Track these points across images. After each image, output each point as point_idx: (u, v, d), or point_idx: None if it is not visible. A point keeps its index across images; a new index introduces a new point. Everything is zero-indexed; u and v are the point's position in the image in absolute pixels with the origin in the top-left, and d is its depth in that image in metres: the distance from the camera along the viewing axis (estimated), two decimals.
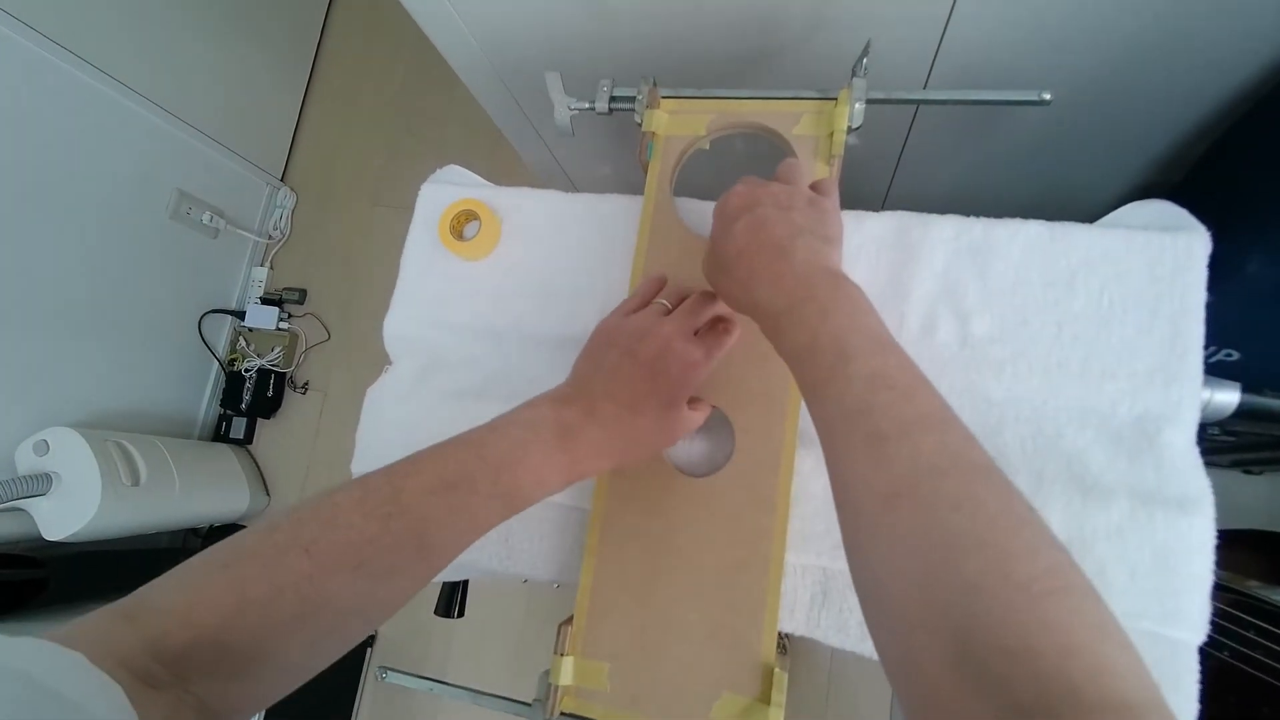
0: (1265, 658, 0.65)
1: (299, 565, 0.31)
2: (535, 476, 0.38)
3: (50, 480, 1.19)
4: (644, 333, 0.43)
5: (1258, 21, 0.57)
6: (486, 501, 0.37)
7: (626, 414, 0.41)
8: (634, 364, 0.42)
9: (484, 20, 0.71)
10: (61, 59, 1.18)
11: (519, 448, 0.39)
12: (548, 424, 0.40)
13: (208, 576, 0.31)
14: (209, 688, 0.29)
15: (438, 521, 0.35)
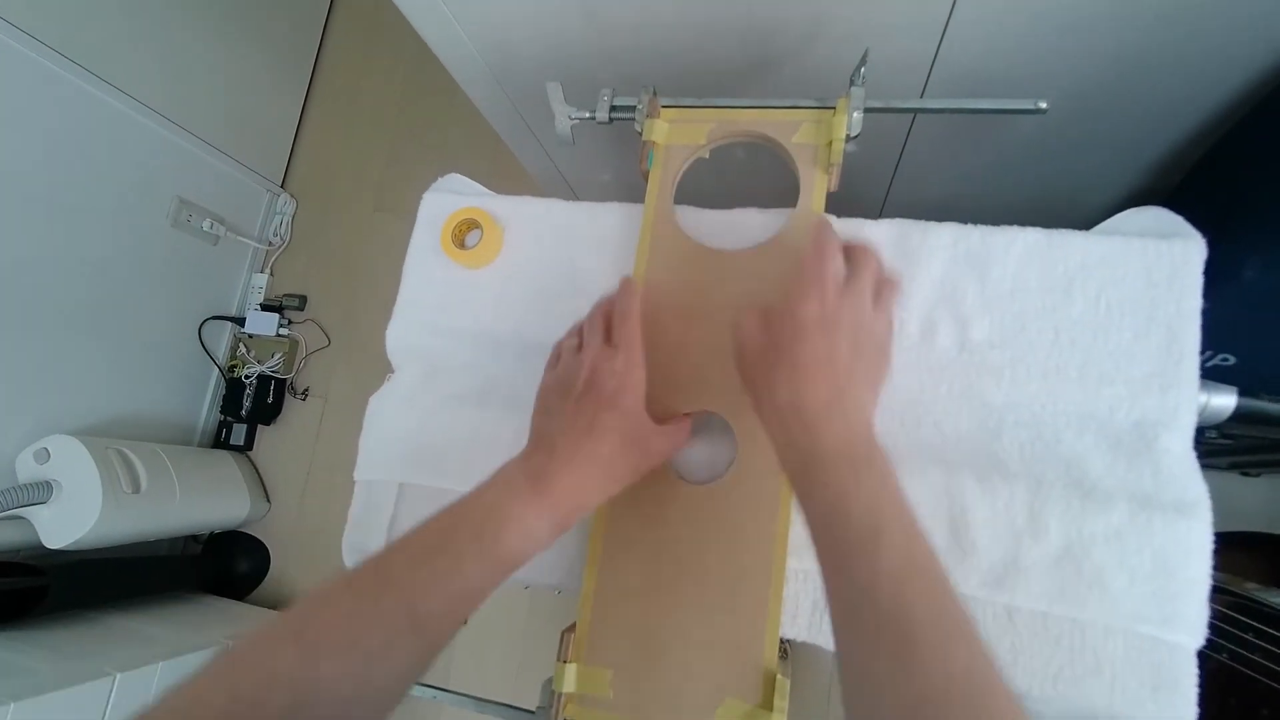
0: (1264, 659, 0.66)
1: (289, 654, 0.31)
2: (519, 529, 0.38)
3: (51, 488, 1.19)
4: (568, 370, 0.45)
5: (1250, 31, 0.58)
6: (474, 565, 0.37)
7: (587, 443, 0.41)
8: (572, 399, 0.43)
9: (485, 30, 0.71)
10: (62, 67, 1.19)
11: (496, 506, 0.39)
12: (518, 477, 0.40)
13: (203, 677, 0.30)
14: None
15: (426, 592, 0.35)
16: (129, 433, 1.44)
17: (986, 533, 0.44)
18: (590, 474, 0.41)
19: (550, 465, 0.40)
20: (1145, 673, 0.40)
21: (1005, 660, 0.42)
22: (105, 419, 1.40)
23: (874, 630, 0.31)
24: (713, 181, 0.56)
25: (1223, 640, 0.68)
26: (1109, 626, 0.41)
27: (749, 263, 0.50)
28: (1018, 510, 0.44)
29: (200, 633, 1.31)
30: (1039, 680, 0.41)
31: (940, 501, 0.45)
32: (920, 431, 0.47)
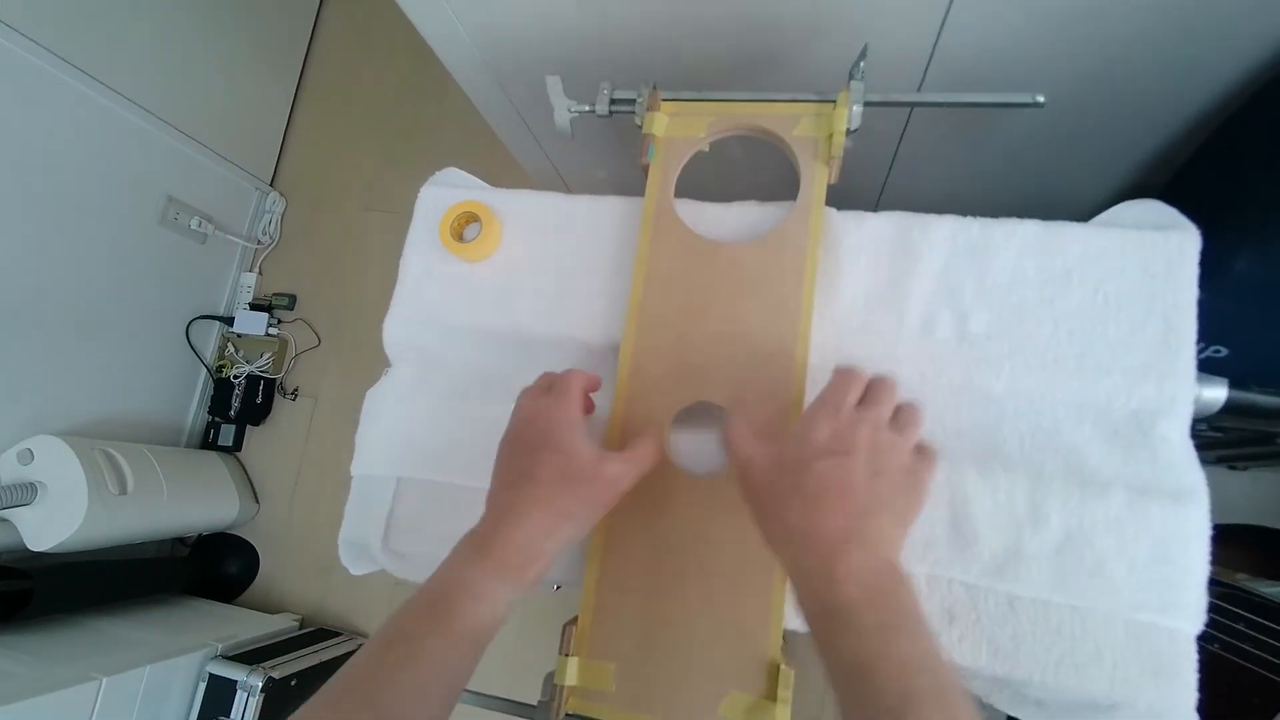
0: (1255, 649, 0.67)
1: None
2: (468, 596, 0.37)
3: (35, 490, 1.17)
4: (508, 427, 0.44)
5: (1242, 26, 0.59)
6: (429, 644, 0.35)
7: (525, 488, 0.40)
8: (511, 444, 0.43)
9: (482, 24, 0.71)
10: (49, 63, 1.17)
11: (444, 578, 0.38)
12: (466, 544, 0.40)
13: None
14: None
15: (388, 686, 0.34)
16: (115, 433, 1.42)
17: (988, 522, 0.44)
18: (534, 521, 0.39)
19: (495, 521, 0.39)
20: (1145, 659, 0.41)
21: (1007, 649, 0.42)
22: (91, 419, 1.38)
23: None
24: (712, 175, 0.56)
25: (1214, 630, 0.69)
26: (1109, 614, 0.42)
27: (749, 256, 0.50)
28: (1018, 500, 0.44)
29: (188, 636, 1.29)
30: (1041, 668, 0.41)
31: (942, 491, 0.45)
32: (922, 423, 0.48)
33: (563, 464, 0.40)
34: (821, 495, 0.36)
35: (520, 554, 0.38)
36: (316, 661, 1.33)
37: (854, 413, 0.39)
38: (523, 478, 0.40)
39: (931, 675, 0.31)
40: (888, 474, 0.37)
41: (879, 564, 0.34)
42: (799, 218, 0.50)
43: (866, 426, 0.38)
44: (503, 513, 0.39)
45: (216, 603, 1.53)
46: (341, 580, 1.52)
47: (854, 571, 0.33)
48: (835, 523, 0.35)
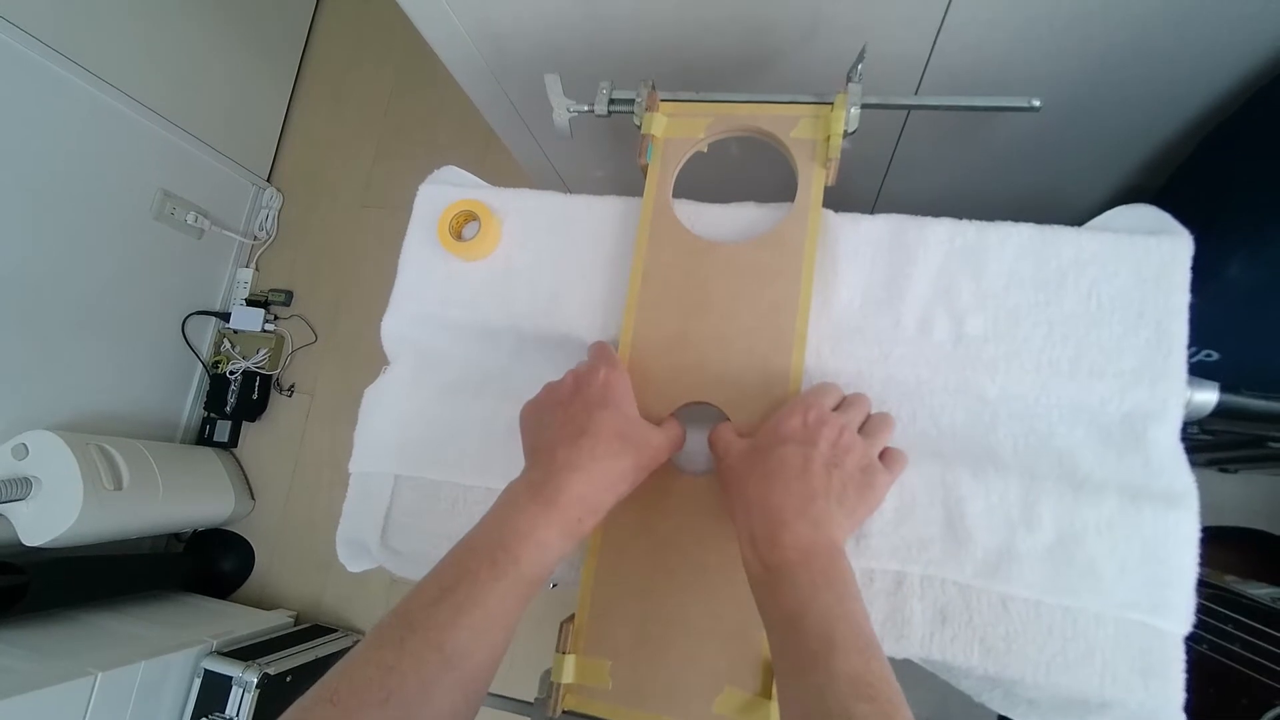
0: (1243, 650, 0.67)
1: (329, 715, 0.31)
2: (530, 543, 0.38)
3: (30, 484, 1.17)
4: (552, 389, 0.46)
5: (1236, 32, 0.59)
6: (491, 588, 0.36)
7: (586, 443, 0.41)
8: (562, 409, 0.44)
9: (481, 22, 0.71)
10: (44, 56, 1.17)
11: (502, 525, 0.39)
12: (521, 494, 0.40)
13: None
14: None
15: (451, 627, 0.34)
16: (110, 428, 1.41)
17: (982, 523, 0.44)
18: (595, 474, 0.40)
19: (552, 473, 0.40)
20: (1135, 659, 0.41)
21: (999, 649, 0.42)
22: (86, 414, 1.37)
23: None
24: (711, 176, 0.56)
25: (1203, 632, 0.70)
26: (1100, 614, 0.42)
27: (747, 256, 0.50)
28: (1012, 501, 0.44)
29: (183, 631, 1.29)
30: (1033, 667, 0.42)
31: (936, 492, 0.45)
32: (917, 424, 0.48)
33: (622, 424, 0.42)
34: (778, 474, 0.40)
35: (580, 505, 0.40)
36: (312, 658, 1.33)
37: (825, 413, 0.43)
38: (582, 433, 0.41)
39: (853, 626, 0.34)
40: (844, 469, 0.40)
41: (819, 538, 0.38)
42: (797, 219, 0.50)
43: (832, 426, 0.42)
44: (561, 466, 0.40)
45: (212, 599, 1.53)
46: (337, 576, 1.52)
47: (795, 539, 0.37)
48: (786, 499, 0.39)
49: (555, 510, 0.39)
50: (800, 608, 0.35)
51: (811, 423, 0.42)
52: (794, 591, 0.36)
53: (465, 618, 0.35)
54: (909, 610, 0.44)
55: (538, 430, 0.45)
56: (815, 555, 0.37)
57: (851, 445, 0.41)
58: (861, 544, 0.45)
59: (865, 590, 0.45)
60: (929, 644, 0.44)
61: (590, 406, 0.42)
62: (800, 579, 0.36)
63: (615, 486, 0.42)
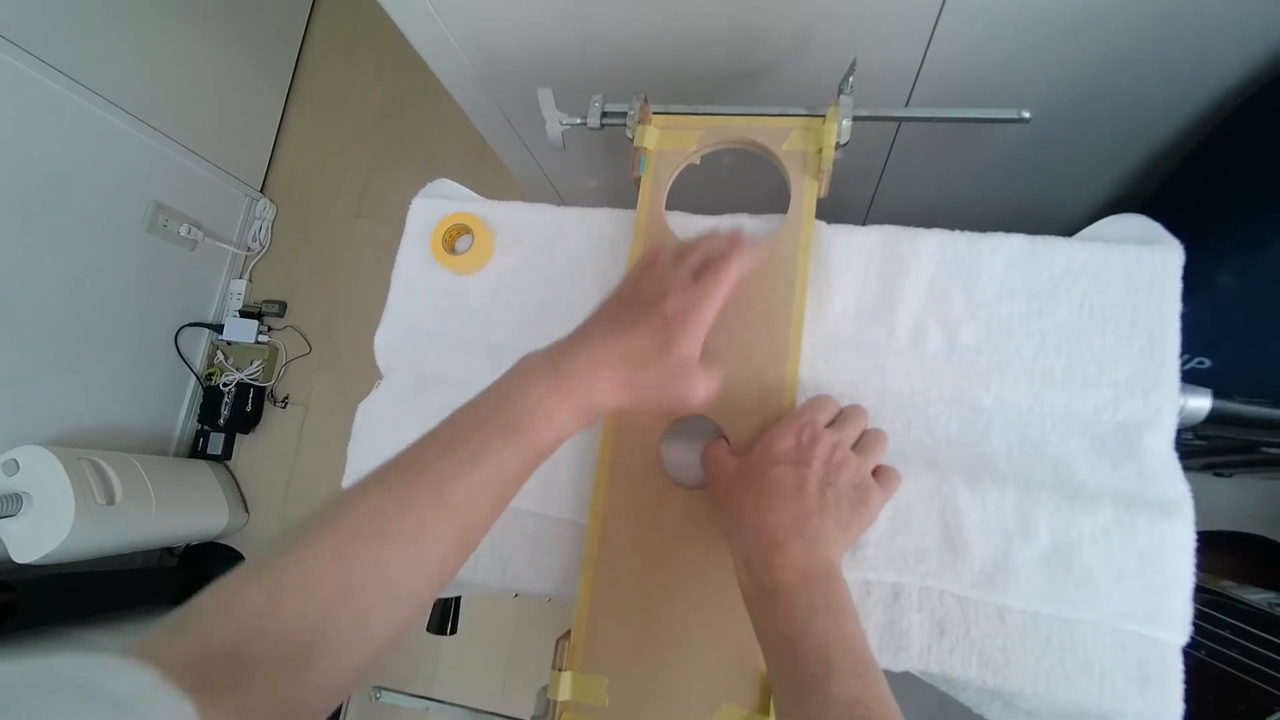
0: (1240, 655, 0.67)
1: (326, 544, 0.32)
2: (541, 412, 0.37)
3: (20, 500, 1.15)
4: (640, 277, 0.43)
5: (1223, 44, 0.60)
6: (500, 449, 0.36)
7: (618, 333, 0.39)
8: (633, 300, 0.42)
9: (474, 35, 0.71)
10: (36, 69, 1.16)
11: (516, 390, 0.38)
12: (539, 364, 0.40)
13: (248, 574, 0.31)
14: (272, 678, 0.28)
15: (455, 477, 0.35)
16: (103, 442, 1.40)
17: (978, 534, 0.44)
18: (612, 373, 0.39)
19: (575, 353, 0.39)
20: (1133, 669, 0.41)
21: (997, 660, 0.42)
22: (78, 429, 1.36)
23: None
24: (704, 187, 0.57)
25: (1201, 637, 0.70)
26: (1097, 625, 0.42)
27: None
28: (1008, 511, 0.44)
29: None
30: (1031, 679, 0.42)
31: (932, 503, 0.45)
32: (911, 434, 0.48)
33: (660, 346, 0.39)
34: (773, 494, 0.40)
35: (587, 391, 0.39)
36: None
37: (819, 430, 0.42)
38: (624, 331, 0.40)
39: (851, 648, 0.34)
40: (838, 487, 0.40)
41: (815, 558, 0.38)
42: (789, 231, 0.50)
43: (826, 443, 0.42)
44: (589, 350, 0.39)
45: None
46: None
47: (791, 560, 0.37)
48: (781, 520, 0.39)
49: (565, 385, 0.38)
50: (797, 630, 0.35)
51: (805, 441, 0.42)
52: (791, 613, 0.36)
53: (469, 474, 0.35)
54: (907, 622, 0.44)
55: (598, 311, 0.43)
56: (812, 577, 0.37)
57: (845, 462, 0.41)
58: (858, 555, 0.45)
59: (863, 602, 0.45)
60: (927, 656, 0.43)
61: (650, 321, 0.40)
62: (797, 601, 0.36)
63: (625, 395, 0.40)
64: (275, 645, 0.29)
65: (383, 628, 0.33)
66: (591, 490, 0.49)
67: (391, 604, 0.33)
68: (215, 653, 0.27)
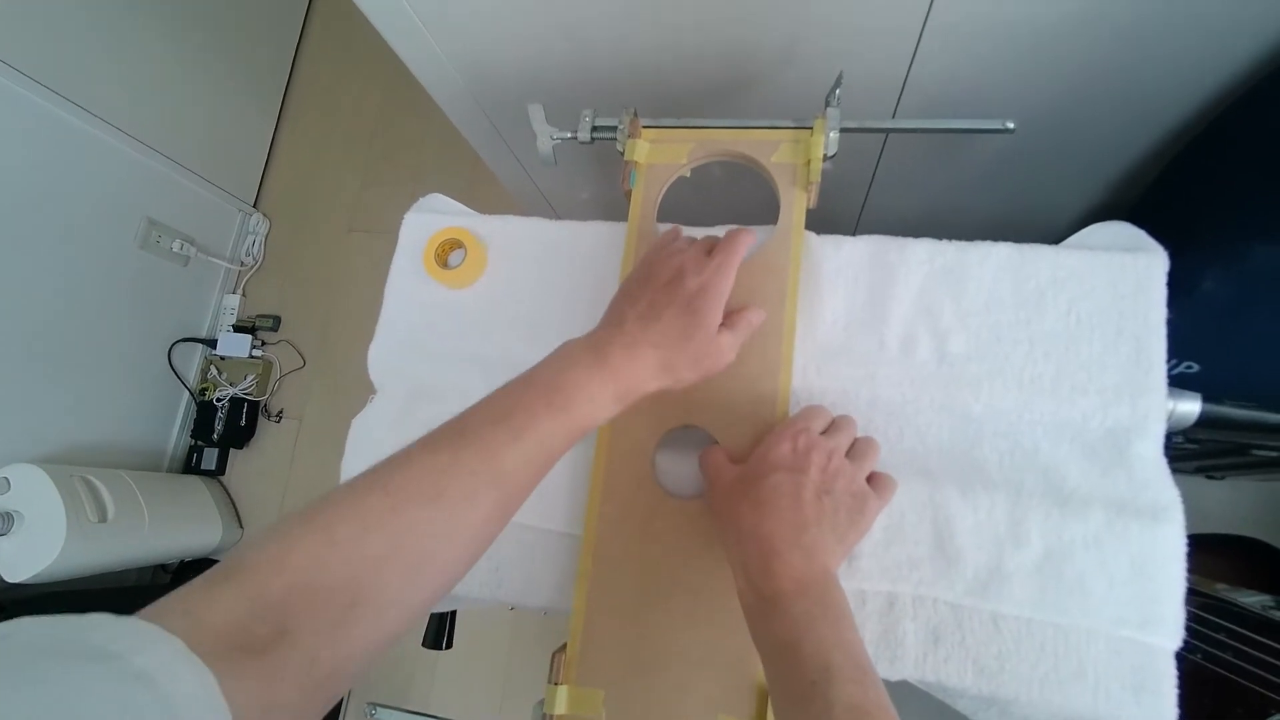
0: (1236, 659, 0.67)
1: (379, 502, 0.32)
2: (585, 394, 0.39)
3: (11, 519, 1.15)
4: (659, 262, 0.46)
5: (1202, 53, 0.61)
6: (547, 423, 0.38)
7: (654, 328, 0.42)
8: (653, 288, 0.44)
9: (465, 52, 0.72)
10: (27, 88, 1.17)
11: (560, 372, 0.40)
12: (580, 350, 0.42)
13: (298, 526, 0.31)
14: (313, 639, 0.28)
15: (503, 447, 0.36)
16: (96, 459, 1.39)
17: (970, 541, 0.44)
18: (650, 357, 0.42)
19: (614, 340, 0.42)
20: (1126, 675, 0.41)
21: (992, 668, 0.42)
22: (70, 446, 1.35)
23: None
24: (694, 199, 0.57)
25: (1196, 641, 0.70)
26: (1091, 631, 0.42)
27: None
28: (999, 518, 0.44)
29: None
30: (1025, 686, 0.42)
31: (925, 511, 0.45)
32: (904, 443, 0.48)
33: (691, 325, 0.42)
34: (771, 504, 0.40)
35: (628, 376, 0.41)
36: None
37: (814, 438, 0.43)
38: (654, 320, 0.42)
39: (850, 655, 0.35)
40: (834, 495, 0.41)
41: (813, 567, 0.38)
42: (779, 242, 0.51)
43: (821, 451, 0.42)
44: (627, 338, 0.42)
45: None
46: None
47: (789, 568, 0.38)
48: (779, 529, 0.39)
49: (608, 371, 0.40)
50: (796, 637, 0.36)
51: (801, 449, 0.42)
52: (790, 621, 0.36)
53: (518, 442, 0.37)
54: (901, 631, 0.44)
55: (625, 297, 0.45)
56: (810, 584, 0.37)
57: (841, 470, 0.42)
58: (853, 565, 0.45)
59: (858, 612, 0.45)
60: (923, 665, 0.43)
61: (675, 299, 0.43)
62: (796, 609, 0.37)
63: (664, 377, 0.43)
64: (322, 604, 0.29)
65: (424, 590, 0.34)
66: (586, 503, 0.49)
67: (435, 566, 0.34)
68: (265, 607, 0.27)
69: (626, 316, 0.43)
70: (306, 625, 0.28)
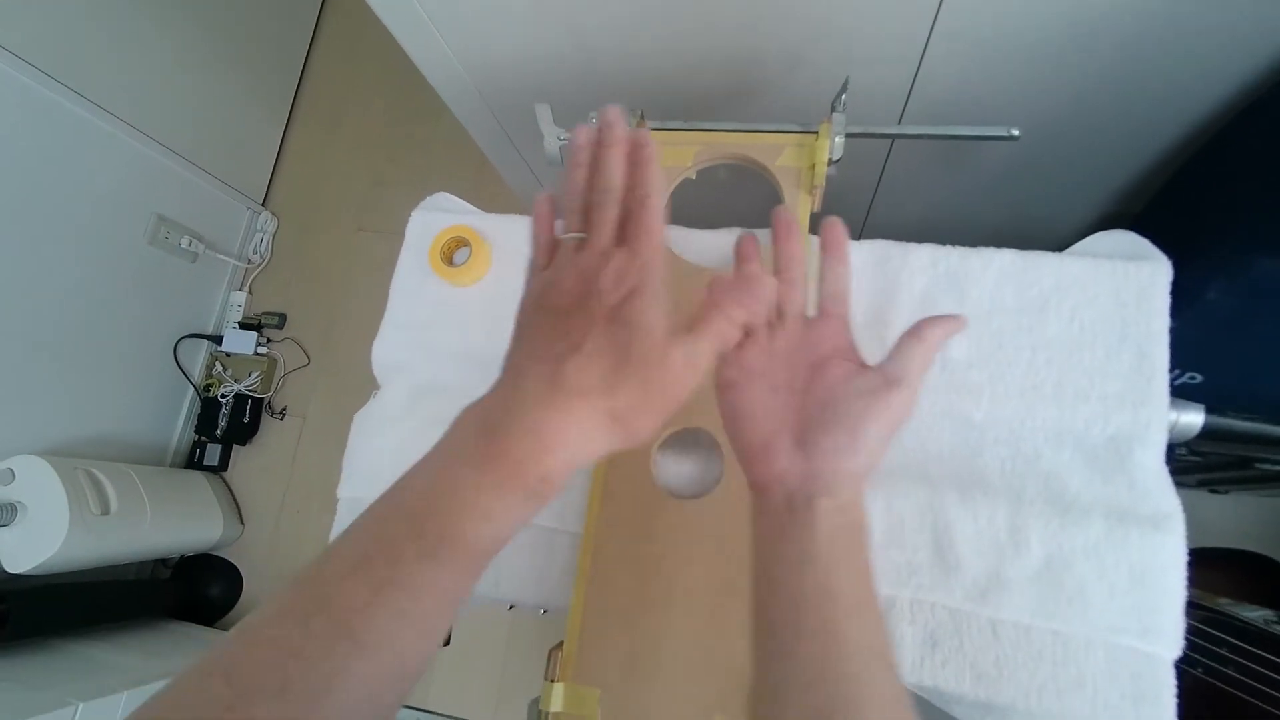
0: (1238, 674, 0.67)
1: (220, 695, 0.24)
2: (472, 513, 0.28)
3: (15, 510, 1.15)
4: (550, 279, 0.33)
5: (1208, 64, 0.61)
6: (420, 565, 0.27)
7: (571, 368, 0.29)
8: (554, 307, 0.32)
9: (474, 53, 0.72)
10: (40, 83, 1.18)
11: (442, 480, 0.29)
12: (469, 429, 0.30)
13: (140, 716, 0.25)
14: None
15: (366, 609, 0.26)
16: (100, 452, 1.40)
17: (970, 547, 0.44)
18: (579, 412, 0.29)
19: (511, 407, 0.29)
20: (1125, 685, 0.41)
21: (990, 674, 0.42)
22: (75, 438, 1.36)
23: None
24: (699, 201, 0.57)
25: (1198, 655, 0.69)
26: (1090, 639, 0.42)
27: None
28: (1000, 525, 0.44)
29: (167, 660, 1.26)
30: (1024, 693, 0.42)
31: (925, 517, 0.45)
32: (904, 449, 0.48)
33: (626, 342, 0.29)
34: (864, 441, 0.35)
35: (541, 462, 0.28)
36: None
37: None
38: (570, 355, 0.29)
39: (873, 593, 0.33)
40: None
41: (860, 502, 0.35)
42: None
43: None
44: (528, 400, 0.29)
45: (198, 626, 1.50)
46: None
47: (849, 505, 0.34)
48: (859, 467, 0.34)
49: (505, 464, 0.28)
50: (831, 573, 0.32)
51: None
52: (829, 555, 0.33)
53: (383, 598, 0.27)
54: (899, 635, 0.44)
55: (517, 339, 0.33)
56: (855, 515, 0.35)
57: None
58: None
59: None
60: (920, 670, 0.43)
61: (593, 320, 0.30)
62: (838, 544, 0.33)
63: (601, 438, 0.29)
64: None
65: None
66: (586, 501, 0.49)
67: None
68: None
69: (525, 368, 0.30)
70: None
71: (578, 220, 0.34)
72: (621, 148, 0.34)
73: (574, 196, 0.35)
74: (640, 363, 0.29)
